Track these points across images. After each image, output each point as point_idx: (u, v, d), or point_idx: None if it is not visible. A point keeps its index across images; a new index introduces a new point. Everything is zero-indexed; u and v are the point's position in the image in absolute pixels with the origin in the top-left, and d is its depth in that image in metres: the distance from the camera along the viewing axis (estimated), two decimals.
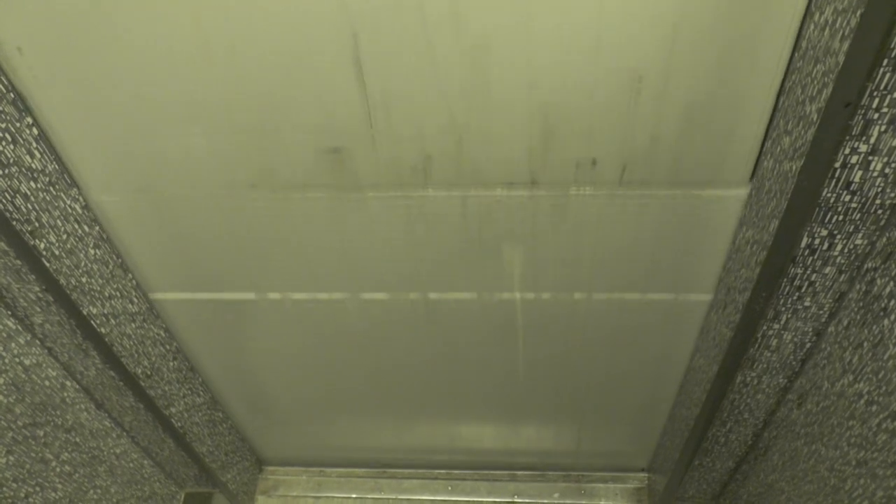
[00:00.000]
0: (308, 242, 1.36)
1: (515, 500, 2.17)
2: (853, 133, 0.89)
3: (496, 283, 1.45)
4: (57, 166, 1.19)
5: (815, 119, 0.92)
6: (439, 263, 1.40)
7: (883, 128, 0.87)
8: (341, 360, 1.75)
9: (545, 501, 2.16)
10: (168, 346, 1.60)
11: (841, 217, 1.01)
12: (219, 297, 1.53)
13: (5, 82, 1.06)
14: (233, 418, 2.03)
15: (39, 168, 1.15)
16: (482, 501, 2.18)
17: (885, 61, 0.80)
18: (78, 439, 1.53)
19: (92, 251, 1.30)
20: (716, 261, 1.34)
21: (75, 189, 1.24)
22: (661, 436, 1.94)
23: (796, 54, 0.97)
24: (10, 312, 1.30)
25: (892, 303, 1.01)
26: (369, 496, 2.24)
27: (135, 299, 1.44)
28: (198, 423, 1.80)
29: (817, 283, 1.13)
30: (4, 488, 1.31)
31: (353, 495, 2.25)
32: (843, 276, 1.11)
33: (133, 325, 1.45)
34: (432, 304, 1.52)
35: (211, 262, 1.42)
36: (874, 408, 1.09)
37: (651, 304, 1.47)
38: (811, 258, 1.08)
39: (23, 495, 1.36)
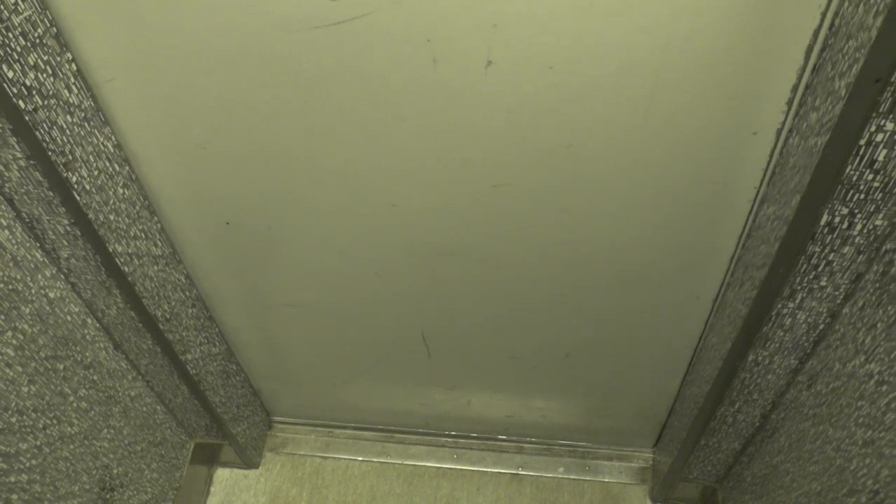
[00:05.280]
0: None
1: (520, 472, 2.19)
2: (881, 110, 0.89)
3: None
4: (93, 103, 1.21)
5: (843, 94, 0.92)
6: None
7: None
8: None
9: (549, 475, 2.18)
10: (188, 293, 1.63)
11: (862, 196, 1.01)
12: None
13: (49, 17, 1.08)
14: (246, 372, 2.06)
15: (76, 103, 1.17)
16: (487, 472, 2.20)
17: None
18: (96, 377, 1.56)
19: (121, 190, 1.33)
20: None
21: (108, 128, 1.26)
22: (669, 416, 1.95)
23: (829, 31, 0.98)
24: (38, 244, 1.32)
25: None
26: (375, 459, 2.27)
27: (159, 242, 1.47)
28: (212, 373, 1.83)
29: (835, 263, 1.13)
30: (25, 417, 1.34)
31: (360, 458, 2.27)
32: (861, 256, 1.11)
33: (155, 267, 1.48)
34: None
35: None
36: (884, 388, 1.10)
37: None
38: (830, 237, 1.08)
39: (41, 426, 1.40)
